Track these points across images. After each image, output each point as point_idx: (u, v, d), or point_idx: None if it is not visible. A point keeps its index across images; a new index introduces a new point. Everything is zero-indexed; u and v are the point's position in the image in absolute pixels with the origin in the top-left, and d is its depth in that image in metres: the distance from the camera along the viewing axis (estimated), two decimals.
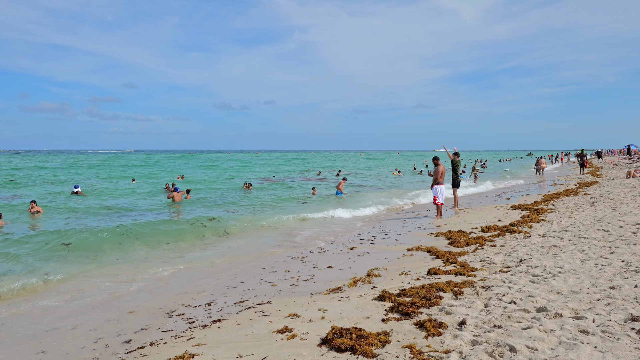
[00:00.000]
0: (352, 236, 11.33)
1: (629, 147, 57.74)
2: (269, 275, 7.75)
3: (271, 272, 7.98)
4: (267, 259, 9.19)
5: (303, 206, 18.17)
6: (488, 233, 10.22)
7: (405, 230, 11.72)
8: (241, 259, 9.35)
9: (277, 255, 9.58)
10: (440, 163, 14.39)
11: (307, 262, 8.61)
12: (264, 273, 7.98)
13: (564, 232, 9.41)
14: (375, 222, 14.19)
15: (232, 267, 8.66)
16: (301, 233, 12.19)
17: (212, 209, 17.34)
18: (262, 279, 7.54)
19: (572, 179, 28.86)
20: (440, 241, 9.70)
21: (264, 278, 7.58)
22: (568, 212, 12.51)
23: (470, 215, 13.91)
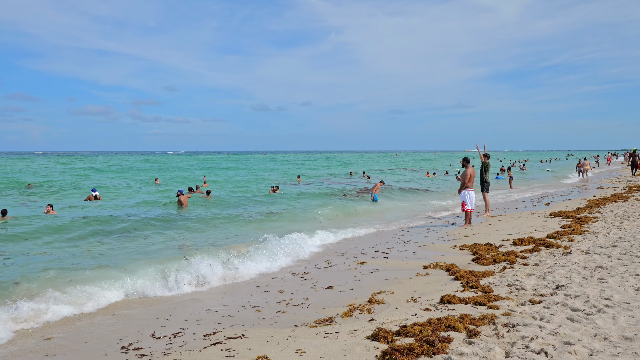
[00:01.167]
0: (367, 247, 10.19)
1: None
2: (259, 297, 6.73)
3: (263, 292, 6.98)
4: (264, 275, 8.19)
5: (325, 212, 17.06)
6: (521, 247, 8.88)
7: (427, 241, 10.48)
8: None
9: (278, 271, 8.56)
10: (469, 165, 13.03)
11: (307, 280, 7.55)
12: (255, 293, 6.98)
13: (612, 248, 7.98)
14: (397, 229, 12.98)
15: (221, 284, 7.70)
16: (315, 243, 11.13)
17: (223, 212, 16.46)
18: (249, 301, 6.53)
19: (621, 181, 26.65)
20: (464, 256, 8.44)
21: (251, 300, 6.57)
22: (617, 222, 10.96)
23: (503, 224, 12.51)
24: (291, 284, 7.31)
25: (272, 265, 8.70)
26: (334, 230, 12.48)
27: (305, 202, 19.75)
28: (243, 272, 8.14)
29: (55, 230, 12.35)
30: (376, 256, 9.04)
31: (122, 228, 12.93)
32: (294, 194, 23.54)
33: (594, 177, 35.29)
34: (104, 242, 11.31)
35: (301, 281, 7.49)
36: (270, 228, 13.19)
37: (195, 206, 18.23)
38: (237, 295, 6.98)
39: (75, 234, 12.14)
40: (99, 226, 12.97)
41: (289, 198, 21.52)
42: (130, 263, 8.52)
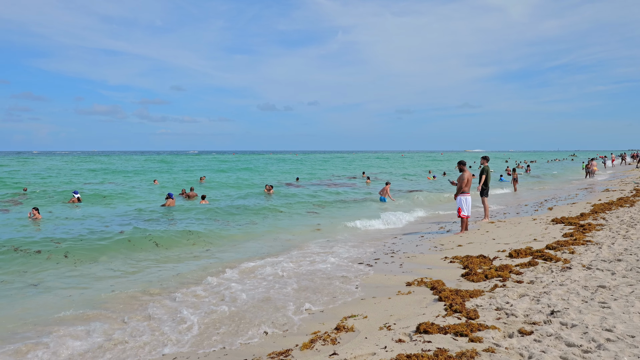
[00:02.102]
0: (354, 257, 9.48)
1: None
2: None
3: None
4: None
5: (316, 216, 16.38)
6: (517, 260, 8.13)
7: (417, 251, 9.76)
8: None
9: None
10: (466, 168, 12.27)
11: (272, 300, 6.85)
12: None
13: (616, 263, 7.22)
14: (388, 237, 12.25)
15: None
16: (296, 252, 10.44)
17: (205, 218, 15.55)
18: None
19: (628, 183, 25.76)
20: (454, 271, 7.71)
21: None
22: (622, 231, 10.18)
23: (501, 231, 11.75)
24: (258, 310, 6.61)
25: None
26: (324, 238, 11.79)
27: (298, 208, 19.05)
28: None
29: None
30: (360, 268, 8.33)
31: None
32: (289, 194, 22.82)
33: (601, 178, 34.34)
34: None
35: (269, 305, 6.79)
36: (255, 238, 12.54)
37: (179, 212, 17.49)
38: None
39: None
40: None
41: (282, 200, 20.77)
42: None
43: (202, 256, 10.26)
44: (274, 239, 12.18)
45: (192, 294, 7.12)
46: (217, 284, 7.63)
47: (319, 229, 13.60)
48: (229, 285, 7.50)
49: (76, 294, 7.32)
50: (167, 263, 9.60)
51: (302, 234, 12.73)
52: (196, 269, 8.91)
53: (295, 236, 12.41)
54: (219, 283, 7.67)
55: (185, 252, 10.62)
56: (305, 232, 13.02)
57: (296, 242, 11.55)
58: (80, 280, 8.24)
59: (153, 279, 8.17)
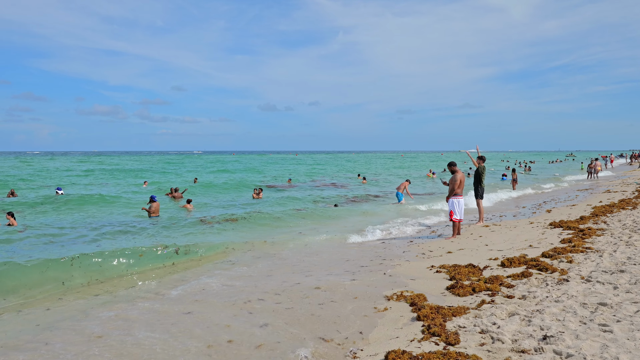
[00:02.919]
0: (336, 265, 8.78)
1: None
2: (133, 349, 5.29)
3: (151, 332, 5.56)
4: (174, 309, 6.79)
5: (302, 223, 15.56)
6: (509, 270, 7.42)
7: (404, 258, 9.05)
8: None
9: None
10: (458, 169, 11.56)
11: (253, 313, 6.14)
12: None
13: (618, 275, 6.51)
14: (377, 241, 11.54)
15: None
16: (268, 262, 9.73)
17: (186, 228, 14.55)
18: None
19: (630, 184, 25.04)
20: (439, 282, 7.00)
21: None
22: (625, 236, 9.47)
23: (495, 236, 11.04)
24: (203, 328, 5.91)
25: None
26: (306, 240, 11.07)
27: (285, 214, 18.34)
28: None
29: None
30: (339, 279, 7.62)
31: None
32: (279, 198, 22.11)
33: (603, 178, 33.60)
34: None
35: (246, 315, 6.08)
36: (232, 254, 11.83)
37: (162, 217, 16.79)
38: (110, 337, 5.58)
39: None
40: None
41: (271, 205, 20.03)
42: None
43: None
44: (256, 255, 11.40)
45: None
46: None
47: (301, 235, 12.82)
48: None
49: None
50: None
51: (282, 244, 11.65)
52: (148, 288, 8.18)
53: (273, 246, 11.42)
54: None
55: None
56: (285, 240, 12.05)
57: (271, 251, 10.65)
58: None
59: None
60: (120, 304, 6.64)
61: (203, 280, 7.94)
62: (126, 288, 7.79)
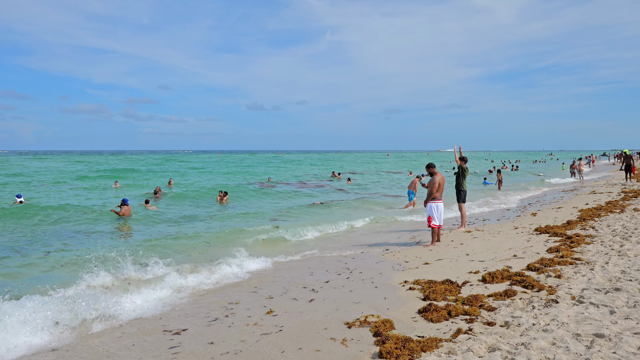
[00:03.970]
0: (298, 279, 7.86)
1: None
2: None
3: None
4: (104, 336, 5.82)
5: (269, 227, 14.42)
6: (491, 286, 6.58)
7: (376, 271, 8.16)
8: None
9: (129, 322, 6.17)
10: (437, 171, 10.72)
11: (175, 346, 5.20)
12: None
13: (614, 294, 5.69)
14: (349, 249, 10.64)
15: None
16: (233, 271, 8.77)
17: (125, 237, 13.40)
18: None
19: (615, 185, 24.55)
20: (410, 302, 6.12)
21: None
22: (616, 245, 8.71)
23: (477, 243, 10.23)
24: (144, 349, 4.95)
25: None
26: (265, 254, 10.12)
27: (251, 218, 17.38)
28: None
29: None
30: (298, 298, 6.71)
31: None
32: (249, 202, 21.05)
33: (587, 179, 33.20)
34: None
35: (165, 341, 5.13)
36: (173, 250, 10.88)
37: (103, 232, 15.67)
38: None
39: None
40: None
41: (230, 215, 18.90)
42: None
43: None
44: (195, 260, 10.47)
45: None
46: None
47: (263, 241, 11.74)
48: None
49: None
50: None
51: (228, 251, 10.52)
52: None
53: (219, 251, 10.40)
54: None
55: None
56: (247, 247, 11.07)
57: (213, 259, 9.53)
58: None
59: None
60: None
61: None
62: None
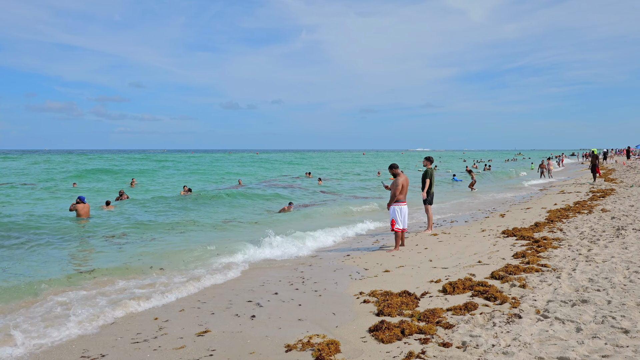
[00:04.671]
0: (244, 292, 7.20)
1: (629, 148, 53.06)
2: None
3: None
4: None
5: (226, 232, 13.61)
6: (452, 298, 6.05)
7: (331, 280, 7.57)
8: None
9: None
10: (401, 172, 10.20)
11: None
12: None
13: (581, 307, 5.22)
14: (307, 256, 10.01)
15: None
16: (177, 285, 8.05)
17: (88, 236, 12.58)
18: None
19: (583, 184, 24.62)
20: (363, 318, 5.55)
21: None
22: (584, 249, 8.32)
23: (442, 248, 9.75)
24: None
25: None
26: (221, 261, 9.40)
27: (209, 213, 16.63)
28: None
29: None
30: (241, 313, 6.06)
31: None
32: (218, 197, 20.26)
33: (556, 178, 33.43)
34: None
35: None
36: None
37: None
38: None
39: None
40: None
41: (200, 209, 18.16)
42: None
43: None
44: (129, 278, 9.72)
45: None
46: None
47: (213, 248, 10.90)
48: None
49: None
50: None
51: (174, 259, 9.75)
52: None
53: (164, 260, 9.62)
54: None
55: None
56: (188, 256, 10.19)
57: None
58: None
59: None
60: None
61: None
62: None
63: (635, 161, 44.65)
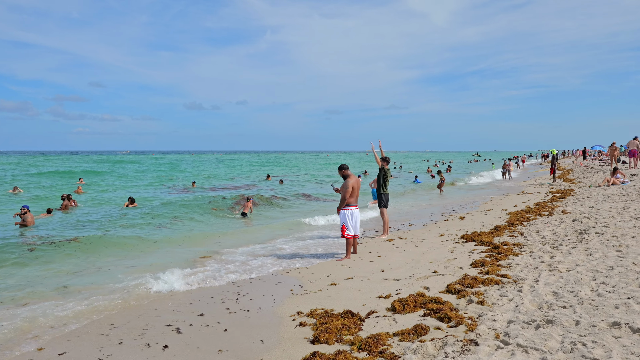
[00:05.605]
0: (170, 313, 6.20)
1: (585, 149, 54.38)
2: None
3: None
4: None
5: (145, 246, 12.28)
6: (401, 318, 5.23)
7: (268, 298, 6.64)
8: None
9: None
10: (351, 174, 9.37)
11: None
12: None
13: (545, 330, 4.48)
14: (254, 260, 9.06)
15: None
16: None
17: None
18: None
19: (542, 185, 24.58)
20: (293, 349, 4.66)
21: None
22: (546, 256, 7.70)
23: (397, 255, 8.99)
24: None
25: None
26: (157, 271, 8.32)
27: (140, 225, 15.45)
28: None
29: None
30: (152, 343, 5.06)
31: None
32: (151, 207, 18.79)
33: (516, 178, 33.55)
34: None
35: None
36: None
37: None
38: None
39: None
40: None
41: (138, 219, 16.84)
42: None
43: None
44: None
45: None
46: None
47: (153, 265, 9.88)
48: None
49: None
50: None
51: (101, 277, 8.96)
52: None
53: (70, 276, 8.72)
54: None
55: None
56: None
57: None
58: None
59: None
60: None
61: None
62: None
63: (592, 162, 45.61)
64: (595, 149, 60.81)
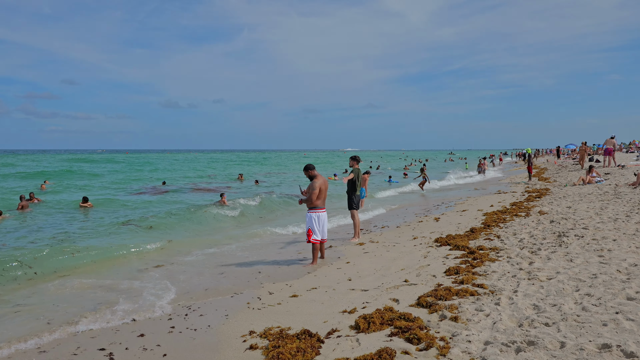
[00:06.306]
0: (109, 332, 5.45)
1: (559, 148, 55.07)
2: None
3: None
4: None
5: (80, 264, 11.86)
6: (364, 339, 4.61)
7: (221, 313, 5.95)
8: None
9: None
10: (318, 174, 8.71)
11: None
12: None
13: (527, 353, 3.90)
14: (213, 268, 8.33)
15: None
16: None
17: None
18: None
19: (518, 183, 24.41)
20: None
21: None
22: (524, 262, 7.18)
23: (367, 261, 8.39)
24: None
25: None
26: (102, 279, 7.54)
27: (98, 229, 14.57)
28: None
29: None
30: None
31: None
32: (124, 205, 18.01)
33: (492, 177, 33.48)
34: None
35: None
36: None
37: None
38: None
39: None
40: None
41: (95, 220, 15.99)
42: None
43: None
44: None
45: None
46: None
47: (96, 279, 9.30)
48: None
49: None
50: None
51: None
52: None
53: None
54: None
55: None
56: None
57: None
58: None
59: None
60: None
61: None
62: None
63: (566, 160, 46.01)
64: (568, 147, 61.64)
